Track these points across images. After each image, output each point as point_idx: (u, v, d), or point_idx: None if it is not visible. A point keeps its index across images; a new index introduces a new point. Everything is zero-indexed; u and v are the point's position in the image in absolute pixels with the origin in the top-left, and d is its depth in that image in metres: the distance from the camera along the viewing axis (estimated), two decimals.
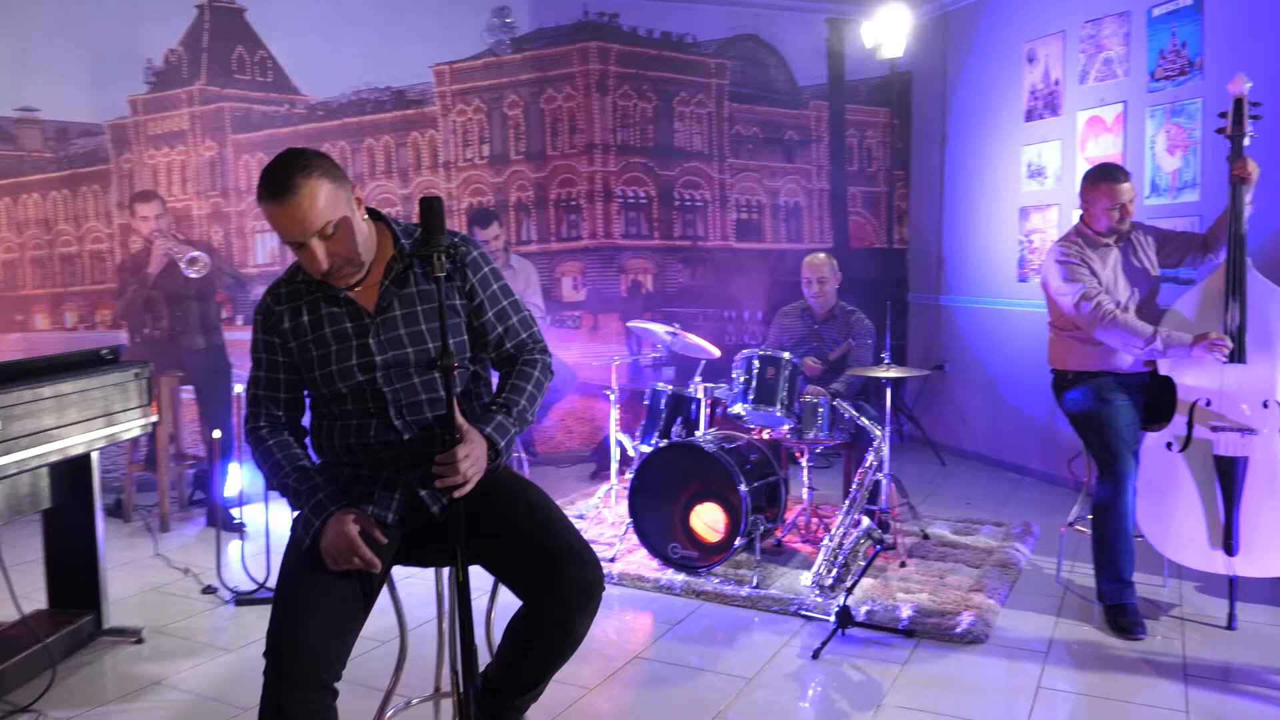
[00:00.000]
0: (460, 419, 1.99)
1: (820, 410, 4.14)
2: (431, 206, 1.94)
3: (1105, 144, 5.04)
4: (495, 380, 2.34)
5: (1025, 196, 5.63)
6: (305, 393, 2.21)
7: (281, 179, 1.93)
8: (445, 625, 2.34)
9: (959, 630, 3.38)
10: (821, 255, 4.81)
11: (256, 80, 5.79)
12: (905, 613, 3.52)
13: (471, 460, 1.95)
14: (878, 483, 4.27)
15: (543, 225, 6.30)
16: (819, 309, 4.80)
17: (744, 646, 3.37)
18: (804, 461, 4.37)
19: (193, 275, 4.49)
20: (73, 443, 3.00)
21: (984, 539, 4.46)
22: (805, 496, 4.40)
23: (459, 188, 6.19)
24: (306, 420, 2.25)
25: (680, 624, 3.59)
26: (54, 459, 2.94)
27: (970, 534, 4.55)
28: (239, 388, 3.86)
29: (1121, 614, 3.40)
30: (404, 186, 6.10)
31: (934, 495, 5.37)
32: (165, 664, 3.25)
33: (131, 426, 3.30)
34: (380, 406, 2.10)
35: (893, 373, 4.17)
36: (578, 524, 4.69)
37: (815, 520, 4.51)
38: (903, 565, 4.08)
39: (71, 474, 3.34)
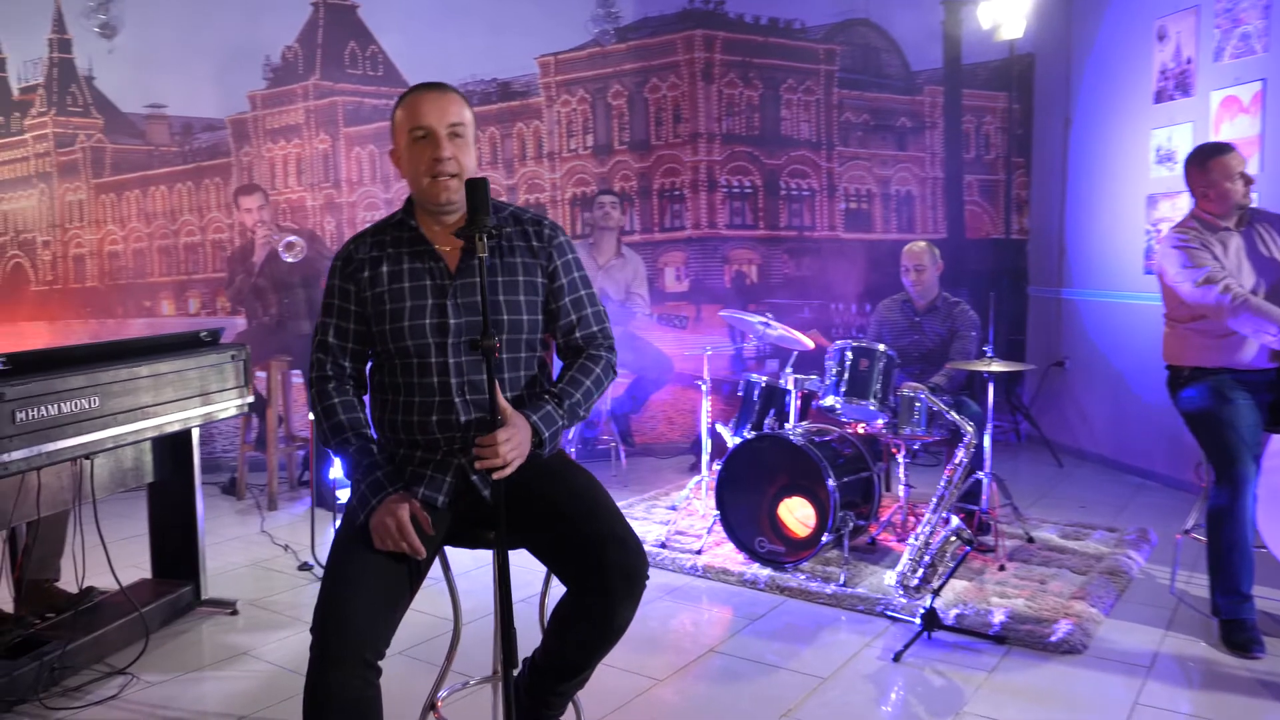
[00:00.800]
0: (503, 402, 1.98)
1: (917, 405, 3.98)
2: (476, 186, 1.94)
3: (1241, 125, 4.68)
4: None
5: (1154, 183, 5.29)
6: (372, 350, 2.20)
7: (437, 82, 2.15)
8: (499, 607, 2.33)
9: (1054, 639, 3.19)
10: (921, 243, 4.63)
11: (368, 74, 5.96)
12: (998, 618, 3.35)
13: (512, 445, 1.94)
14: (979, 482, 4.10)
15: (646, 215, 6.28)
16: (919, 299, 4.62)
17: (824, 645, 3.27)
18: (900, 457, 4.22)
19: (289, 259, 4.65)
20: (168, 420, 3.13)
21: (1094, 545, 4.21)
22: (901, 494, 4.24)
23: (563, 178, 6.23)
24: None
25: (760, 619, 3.51)
26: (150, 435, 3.08)
27: (1079, 539, 4.30)
28: None
29: (1237, 630, 3.14)
30: (509, 177, 6.18)
31: (1046, 497, 5.11)
32: (255, 635, 3.37)
33: (228, 406, 3.43)
34: (443, 381, 2.09)
35: (995, 367, 3.98)
36: (668, 515, 4.70)
37: (912, 519, 4.34)
38: (1001, 569, 3.89)
39: (174, 450, 3.50)
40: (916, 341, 4.61)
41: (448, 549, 2.24)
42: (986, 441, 4.07)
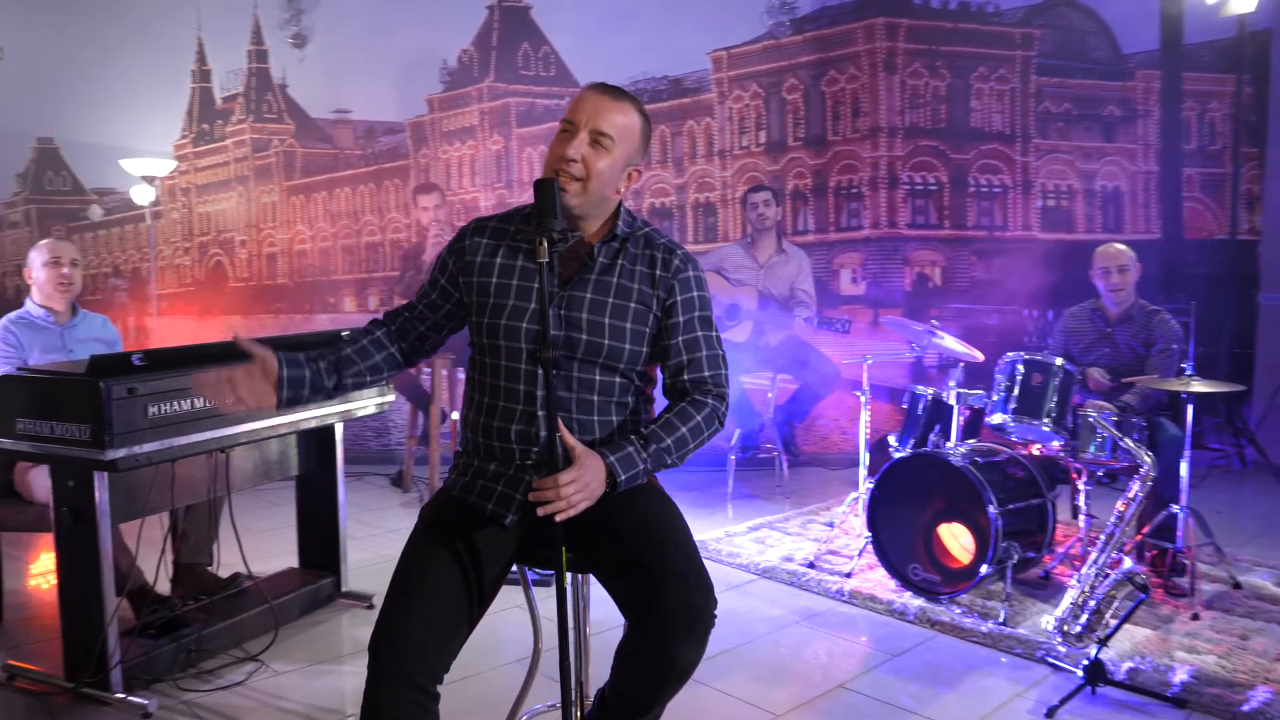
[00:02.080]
0: (571, 440, 1.87)
1: (1099, 427, 3.55)
2: (543, 187, 1.83)
3: None
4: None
5: None
6: (434, 323, 2.16)
7: (620, 88, 2.08)
8: (588, 632, 2.22)
9: (1247, 707, 2.73)
10: (1120, 244, 4.16)
11: (540, 75, 6.03)
12: (1179, 676, 2.91)
13: (577, 487, 1.82)
14: (1173, 516, 3.62)
15: (821, 214, 6.01)
16: (1114, 307, 4.13)
17: (969, 691, 2.95)
18: (1081, 484, 3.79)
19: None
20: (305, 416, 3.20)
21: None
22: (1082, 524, 3.81)
23: (734, 176, 6.06)
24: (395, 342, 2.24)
25: (902, 655, 3.22)
26: (283, 431, 3.16)
27: None
28: None
29: None
30: (678, 176, 6.08)
31: (1266, 535, 4.47)
32: None
33: (367, 404, 3.48)
34: (529, 391, 1.99)
35: (1195, 386, 3.49)
36: (823, 532, 4.43)
37: (1092, 551, 3.89)
38: (1194, 618, 3.41)
39: (319, 444, 3.60)
40: (1108, 355, 4.13)
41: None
42: (1184, 470, 3.59)
